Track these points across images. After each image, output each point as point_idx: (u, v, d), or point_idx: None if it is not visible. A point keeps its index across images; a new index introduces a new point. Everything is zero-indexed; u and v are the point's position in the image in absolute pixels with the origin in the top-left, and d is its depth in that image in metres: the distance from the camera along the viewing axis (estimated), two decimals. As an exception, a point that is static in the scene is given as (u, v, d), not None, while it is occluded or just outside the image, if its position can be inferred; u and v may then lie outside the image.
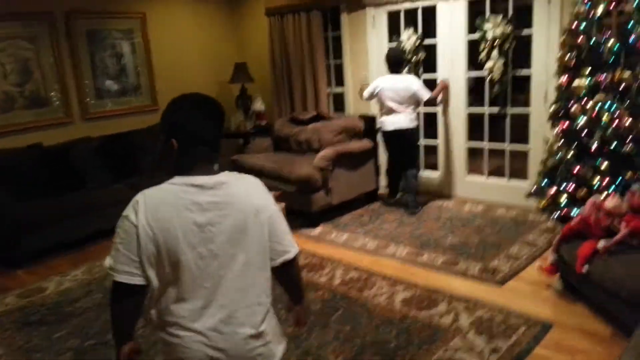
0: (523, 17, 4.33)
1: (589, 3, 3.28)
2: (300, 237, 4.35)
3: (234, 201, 1.48)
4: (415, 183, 4.85)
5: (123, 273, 1.39)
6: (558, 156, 3.57)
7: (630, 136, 3.20)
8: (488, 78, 4.57)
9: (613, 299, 2.60)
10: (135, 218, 1.39)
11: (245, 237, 1.49)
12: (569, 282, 3.07)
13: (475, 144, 4.98)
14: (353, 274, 3.61)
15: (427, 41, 5.03)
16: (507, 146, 4.74)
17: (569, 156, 3.48)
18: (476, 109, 4.90)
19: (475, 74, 4.76)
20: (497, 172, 4.95)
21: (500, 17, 4.37)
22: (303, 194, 4.58)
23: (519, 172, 4.81)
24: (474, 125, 4.97)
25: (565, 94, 3.52)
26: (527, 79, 4.47)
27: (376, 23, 5.35)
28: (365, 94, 4.93)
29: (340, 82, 6.00)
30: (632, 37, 3.18)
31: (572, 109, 3.40)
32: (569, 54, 3.44)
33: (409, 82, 4.63)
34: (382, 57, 5.20)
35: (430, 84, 4.92)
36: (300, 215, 4.69)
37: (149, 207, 1.40)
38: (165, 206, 1.41)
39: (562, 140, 3.56)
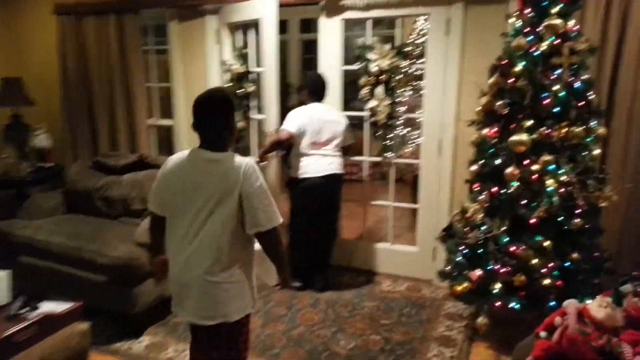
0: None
1: (533, 36, 2.55)
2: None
3: (218, 174, 1.93)
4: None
5: (150, 205, 2.08)
6: (484, 229, 2.75)
7: (580, 209, 2.54)
8: (370, 120, 3.64)
9: None
10: (161, 170, 2.05)
11: (218, 202, 1.92)
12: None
13: (351, 199, 4.00)
14: None
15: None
16: (390, 204, 3.86)
17: (500, 231, 2.68)
18: (354, 159, 3.93)
19: (353, 114, 3.81)
20: (379, 234, 4.04)
21: (388, 46, 3.49)
22: (120, 286, 2.96)
23: (405, 235, 3.97)
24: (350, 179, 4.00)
25: (492, 150, 2.74)
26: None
27: (222, 38, 4.03)
28: (293, 128, 3.31)
29: (167, 112, 4.49)
30: (578, 83, 2.54)
31: (509, 171, 2.61)
32: (501, 99, 2.65)
33: (340, 117, 3.48)
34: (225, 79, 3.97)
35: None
36: (116, 318, 3.07)
37: (169, 163, 2.04)
38: (177, 164, 2.00)
39: (489, 209, 2.75)
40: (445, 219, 3.45)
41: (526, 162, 2.57)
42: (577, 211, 2.54)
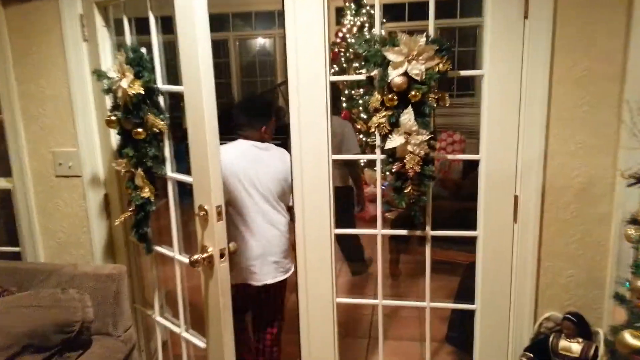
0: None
1: None
2: None
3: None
4: None
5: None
6: None
7: None
8: (389, 169, 2.08)
9: None
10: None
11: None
12: None
13: (355, 300, 2.39)
14: None
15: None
16: (427, 304, 2.31)
17: None
18: (359, 230, 2.35)
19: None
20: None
21: (423, 37, 1.95)
22: None
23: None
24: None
25: None
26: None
27: (96, 32, 2.19)
28: None
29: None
30: None
31: None
32: None
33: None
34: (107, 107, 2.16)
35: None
36: None
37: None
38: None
39: None
40: (527, 326, 2.07)
41: None
42: None
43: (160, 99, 2.09)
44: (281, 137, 4.40)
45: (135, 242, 2.32)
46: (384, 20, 6.47)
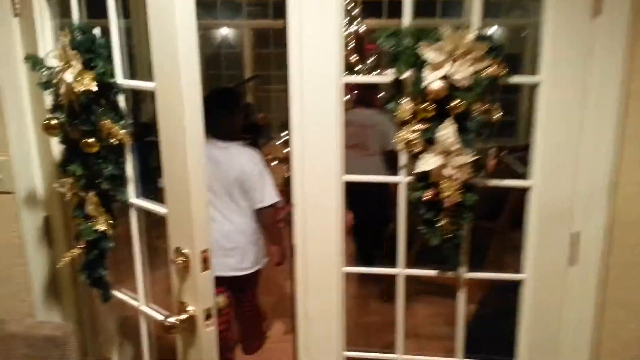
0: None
1: None
2: None
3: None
4: None
5: None
6: None
7: None
8: (425, 196, 1.65)
9: None
10: None
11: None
12: None
13: (369, 354, 1.94)
14: None
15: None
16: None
17: None
18: (373, 269, 2.09)
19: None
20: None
21: (471, 33, 1.52)
22: None
23: None
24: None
25: None
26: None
27: (34, 7, 1.65)
28: None
29: None
30: None
31: None
32: None
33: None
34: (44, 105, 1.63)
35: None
36: None
37: None
38: None
39: None
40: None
41: None
42: None
43: (120, 99, 1.59)
44: (249, 136, 4.24)
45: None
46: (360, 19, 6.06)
